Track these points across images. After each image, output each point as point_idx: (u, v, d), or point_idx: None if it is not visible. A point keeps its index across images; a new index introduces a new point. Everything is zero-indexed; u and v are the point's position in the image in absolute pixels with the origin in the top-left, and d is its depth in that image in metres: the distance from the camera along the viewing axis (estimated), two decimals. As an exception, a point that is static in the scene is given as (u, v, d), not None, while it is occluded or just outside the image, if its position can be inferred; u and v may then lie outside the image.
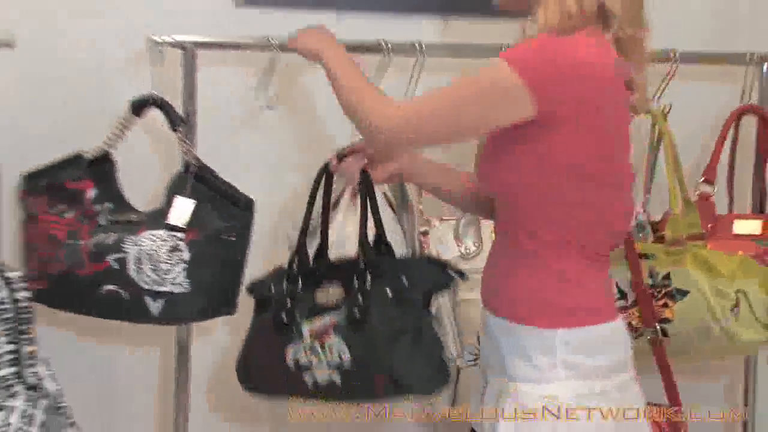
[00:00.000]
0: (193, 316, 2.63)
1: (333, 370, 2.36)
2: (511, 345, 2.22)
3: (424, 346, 2.36)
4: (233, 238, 2.57)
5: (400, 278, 2.38)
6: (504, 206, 2.28)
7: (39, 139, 2.76)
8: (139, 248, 2.50)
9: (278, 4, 2.98)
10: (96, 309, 2.57)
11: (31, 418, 2.30)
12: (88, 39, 2.91)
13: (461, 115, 2.16)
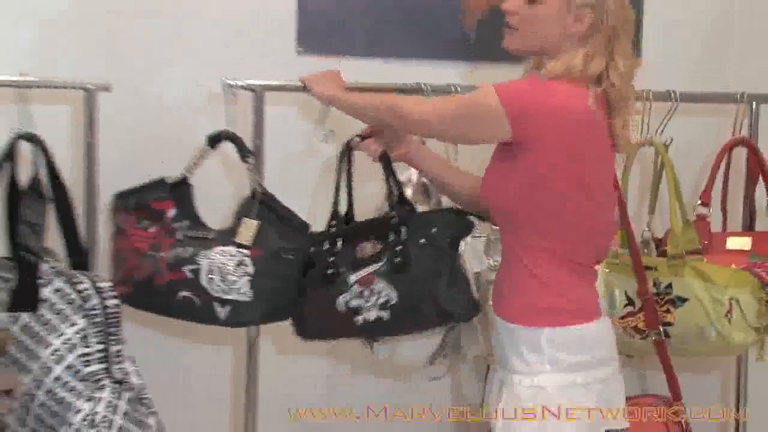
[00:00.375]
0: (254, 322, 2.64)
1: (381, 309, 2.48)
2: (509, 342, 2.33)
3: (460, 281, 2.48)
4: (291, 256, 2.56)
5: (429, 229, 2.50)
6: (497, 215, 2.38)
7: (131, 165, 2.76)
8: (210, 261, 2.51)
9: (333, 52, 3.01)
10: (173, 311, 2.58)
11: (116, 408, 2.33)
12: (173, 82, 2.94)
13: (453, 124, 2.33)
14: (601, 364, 2.30)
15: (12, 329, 2.37)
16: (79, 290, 2.38)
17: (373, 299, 2.49)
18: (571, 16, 2.24)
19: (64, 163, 2.57)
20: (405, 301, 2.47)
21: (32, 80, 2.51)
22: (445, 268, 2.47)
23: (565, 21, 2.25)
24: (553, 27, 2.25)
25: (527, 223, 2.28)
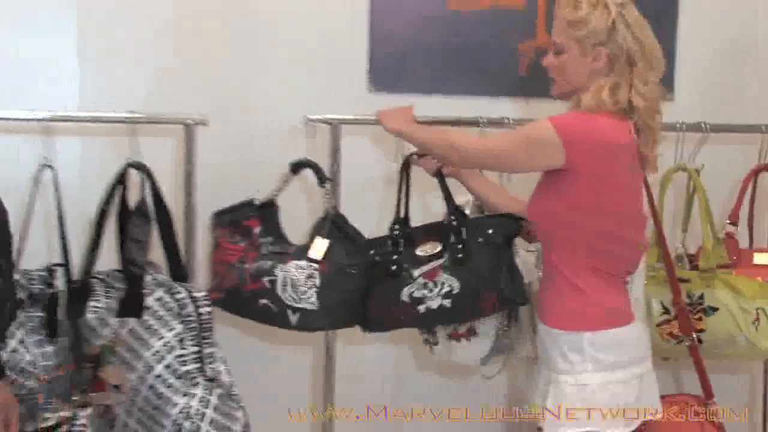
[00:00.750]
0: (320, 328, 2.62)
1: (444, 297, 2.48)
2: (553, 345, 2.33)
3: (516, 272, 2.49)
4: (354, 272, 2.55)
5: (486, 229, 2.51)
6: (541, 234, 2.39)
7: (224, 189, 2.75)
8: (285, 274, 2.51)
9: (400, 90, 2.99)
10: (255, 316, 2.57)
11: (208, 403, 2.34)
12: (261, 117, 2.93)
13: (510, 155, 2.34)
14: (636, 363, 2.31)
15: (121, 333, 2.38)
16: (177, 299, 2.40)
17: (437, 289, 2.49)
18: (590, 57, 2.27)
19: (166, 187, 2.58)
20: (466, 289, 2.47)
21: (140, 117, 2.55)
22: (503, 260, 2.49)
23: (587, 62, 2.27)
24: (579, 69, 2.28)
25: (569, 242, 2.30)
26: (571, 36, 2.27)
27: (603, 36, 2.24)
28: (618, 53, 2.25)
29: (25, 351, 2.33)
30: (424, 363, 3.04)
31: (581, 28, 2.25)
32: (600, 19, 2.24)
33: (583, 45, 2.26)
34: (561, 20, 2.29)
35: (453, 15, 3.04)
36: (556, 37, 2.31)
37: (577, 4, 2.26)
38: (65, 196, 2.49)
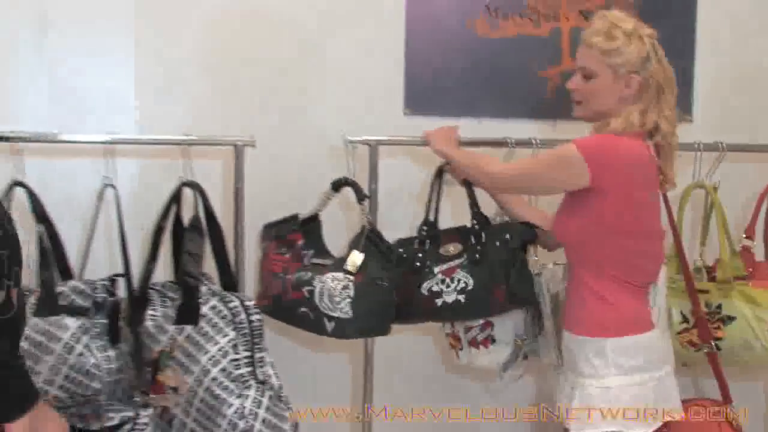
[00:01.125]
0: (355, 335, 2.61)
1: (459, 293, 2.54)
2: (578, 351, 2.36)
3: (527, 273, 2.55)
4: (386, 284, 2.55)
5: (504, 235, 2.56)
6: (567, 249, 2.43)
7: (272, 204, 2.78)
8: (322, 284, 2.52)
9: (434, 113, 3.01)
10: (296, 323, 2.58)
11: (260, 404, 2.35)
12: (304, 138, 2.95)
13: (539, 178, 2.39)
14: (655, 367, 2.35)
15: (178, 339, 2.40)
16: (230, 307, 2.41)
17: (453, 285, 2.55)
18: (622, 83, 2.31)
19: (217, 204, 2.62)
20: (479, 285, 2.52)
21: (193, 139, 2.57)
22: (516, 261, 2.53)
23: (618, 88, 2.31)
24: (609, 95, 2.32)
25: (594, 256, 2.34)
26: (604, 63, 2.30)
27: (637, 65, 2.29)
28: (649, 81, 2.30)
29: (90, 355, 2.34)
30: (454, 366, 3.02)
31: (616, 57, 2.29)
32: (635, 49, 2.28)
33: (617, 72, 2.30)
34: (594, 48, 2.32)
35: (482, 43, 3.06)
36: (588, 63, 2.34)
37: (612, 33, 2.29)
38: (125, 212, 2.52)
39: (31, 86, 2.81)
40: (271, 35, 2.97)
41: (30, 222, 2.48)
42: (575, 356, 2.37)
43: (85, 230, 2.59)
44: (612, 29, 2.29)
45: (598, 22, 2.33)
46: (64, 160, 2.78)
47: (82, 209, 2.64)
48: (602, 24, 2.31)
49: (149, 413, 2.39)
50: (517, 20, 3.07)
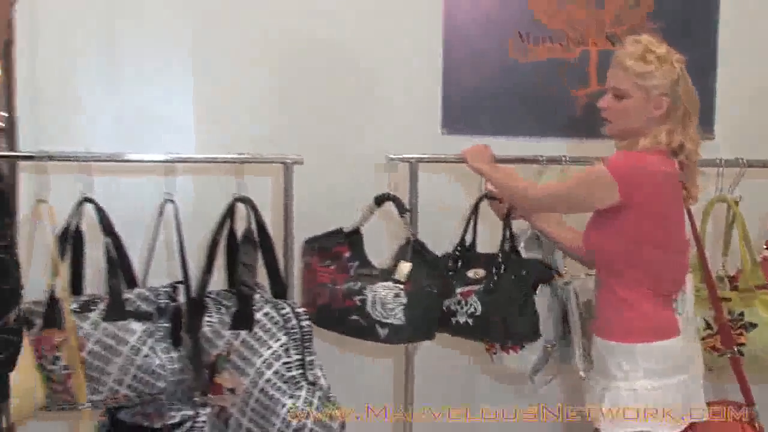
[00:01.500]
0: (407, 340, 2.65)
1: (469, 317, 2.60)
2: (609, 356, 2.37)
3: (528, 312, 2.57)
4: (434, 291, 2.59)
5: (521, 270, 2.60)
6: (598, 260, 2.42)
7: (317, 219, 2.80)
8: (374, 293, 2.54)
9: (469, 132, 3.04)
10: (346, 330, 2.61)
11: (311, 403, 2.36)
12: (347, 157, 3.00)
13: (572, 197, 2.40)
14: (681, 370, 2.36)
15: (234, 343, 2.42)
16: (282, 314, 2.43)
17: (466, 308, 2.60)
18: (652, 104, 2.31)
19: (268, 218, 2.63)
20: (485, 315, 2.57)
21: (246, 157, 2.59)
22: (520, 299, 2.56)
23: (648, 108, 2.32)
24: (639, 115, 2.33)
25: (622, 266, 2.35)
26: (637, 84, 2.31)
27: (667, 88, 2.30)
28: (677, 104, 2.31)
29: (154, 356, 2.37)
30: (489, 368, 3.05)
31: (649, 79, 2.30)
32: (667, 73, 2.30)
33: (649, 94, 2.30)
34: (629, 70, 2.32)
35: (515, 66, 3.09)
36: (621, 84, 2.34)
37: (645, 58, 2.30)
38: (184, 225, 2.55)
39: (99, 111, 2.86)
40: (318, 61, 3.00)
41: (98, 235, 2.53)
42: (606, 360, 2.38)
43: (147, 242, 2.62)
44: (646, 53, 2.30)
45: (632, 46, 2.34)
46: (128, 178, 2.83)
47: (144, 223, 2.66)
48: (636, 48, 2.32)
49: (207, 412, 2.42)
50: (548, 45, 3.09)
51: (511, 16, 3.08)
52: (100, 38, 2.86)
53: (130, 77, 2.89)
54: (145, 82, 2.90)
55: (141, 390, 2.39)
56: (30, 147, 2.74)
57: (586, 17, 3.08)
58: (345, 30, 3.01)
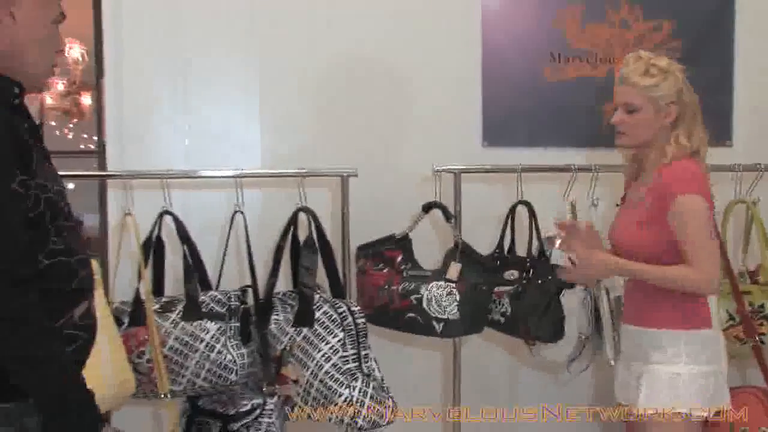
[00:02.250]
0: (460, 334, 2.66)
1: (501, 315, 2.64)
2: (649, 343, 2.30)
3: (550, 315, 2.57)
4: (485, 288, 2.60)
5: (546, 276, 2.59)
6: (642, 256, 2.27)
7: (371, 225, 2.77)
8: (429, 292, 2.56)
9: (507, 144, 3.03)
10: (402, 327, 2.63)
11: (365, 393, 2.36)
12: (398, 168, 2.98)
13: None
14: (717, 360, 2.30)
15: (297, 339, 2.44)
16: (339, 312, 2.44)
17: (498, 307, 2.63)
18: (662, 114, 2.28)
19: (327, 226, 2.64)
20: (513, 315, 2.60)
21: (307, 171, 2.61)
22: (543, 304, 2.56)
23: (659, 118, 2.28)
24: (651, 125, 2.29)
25: (671, 261, 2.25)
26: (646, 97, 2.27)
27: (674, 96, 2.27)
28: (685, 109, 2.28)
29: (227, 352, 2.40)
30: (527, 361, 3.02)
31: (657, 91, 2.26)
32: (672, 83, 2.27)
33: (658, 104, 2.27)
34: (635, 85, 2.28)
35: (547, 83, 3.07)
36: (630, 99, 2.29)
37: (650, 71, 2.27)
38: (251, 234, 2.57)
39: (175, 133, 2.90)
40: (371, 84, 3.01)
41: (177, 243, 2.58)
42: (645, 347, 2.31)
43: (219, 249, 2.65)
44: (650, 67, 2.27)
45: (635, 62, 2.30)
46: (202, 192, 2.86)
47: (217, 232, 2.70)
48: (640, 64, 2.28)
49: (274, 401, 2.45)
50: (577, 64, 3.07)
51: (542, 39, 3.07)
52: (176, 70, 2.90)
53: (202, 103, 2.92)
54: (216, 106, 2.93)
55: (215, 382, 2.42)
56: (117, 167, 2.81)
57: (612, 37, 3.06)
58: (395, 55, 3.01)
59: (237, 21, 2.92)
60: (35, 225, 1.61)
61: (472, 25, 3.04)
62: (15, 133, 1.59)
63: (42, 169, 1.63)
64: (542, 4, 3.07)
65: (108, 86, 2.86)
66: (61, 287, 1.67)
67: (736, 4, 3.15)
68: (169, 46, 2.88)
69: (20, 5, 1.63)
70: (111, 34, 2.84)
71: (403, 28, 3.00)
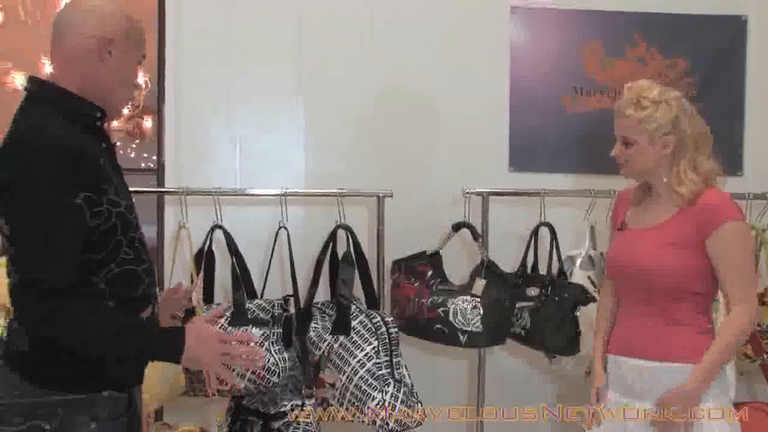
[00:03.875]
0: (483, 345, 2.63)
1: (521, 328, 2.61)
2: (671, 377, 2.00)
3: (565, 329, 2.52)
4: (507, 304, 2.57)
5: (564, 293, 2.56)
6: (666, 284, 2.02)
7: (405, 242, 2.76)
8: (455, 306, 2.54)
9: (532, 169, 3.01)
10: (430, 337, 2.60)
11: (397, 398, 2.34)
12: (429, 190, 2.94)
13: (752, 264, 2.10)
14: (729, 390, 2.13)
15: (334, 346, 2.43)
16: (373, 322, 2.43)
17: (520, 321, 2.60)
18: (659, 145, 2.06)
19: (363, 241, 2.63)
20: (532, 329, 2.57)
21: (345, 191, 2.61)
22: (557, 318, 2.52)
23: (656, 149, 2.06)
24: (648, 156, 2.07)
25: (700, 288, 2.04)
26: (638, 131, 2.05)
27: (668, 127, 2.04)
28: (684, 137, 2.05)
29: (270, 356, 2.38)
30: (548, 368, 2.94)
31: (649, 123, 2.04)
32: (664, 113, 2.03)
33: (652, 136, 2.05)
34: (627, 119, 2.07)
35: (570, 114, 3.04)
36: (625, 132, 2.09)
37: (640, 104, 2.05)
38: (294, 248, 2.57)
39: (224, 153, 2.93)
40: (404, 112, 3.01)
41: (226, 255, 2.58)
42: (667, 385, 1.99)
43: (265, 261, 2.65)
44: (640, 99, 2.04)
45: (627, 94, 2.09)
46: (250, 208, 2.85)
47: (262, 245, 2.69)
48: (631, 95, 2.07)
49: (312, 402, 2.43)
50: (597, 96, 3.04)
51: (565, 73, 3.04)
52: (228, 98, 2.93)
53: (251, 128, 2.94)
54: (264, 131, 2.95)
55: (258, 383, 2.41)
56: (173, 184, 2.82)
57: (630, 73, 3.00)
58: (429, 85, 3.00)
59: (284, 55, 2.95)
60: (108, 237, 1.65)
61: (500, 58, 3.02)
62: (84, 152, 1.63)
63: (114, 186, 1.67)
64: (566, 41, 3.05)
65: (168, 111, 2.90)
66: (130, 293, 1.70)
67: (747, 40, 3.10)
68: (222, 76, 2.92)
69: (116, 45, 1.70)
70: (172, 64, 2.90)
71: (437, 60, 3.00)
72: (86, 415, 1.61)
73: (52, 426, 1.58)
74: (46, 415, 1.59)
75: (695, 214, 2.03)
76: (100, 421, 1.62)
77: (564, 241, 2.74)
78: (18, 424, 1.58)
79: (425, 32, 2.99)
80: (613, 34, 3.04)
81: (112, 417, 1.64)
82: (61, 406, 1.60)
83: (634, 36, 3.05)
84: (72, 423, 1.60)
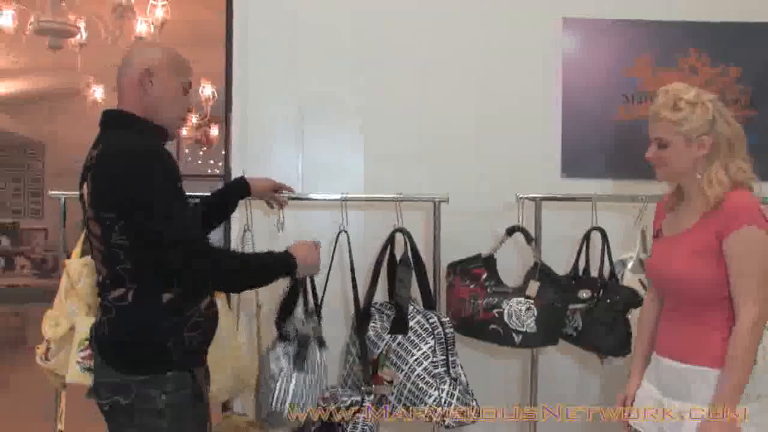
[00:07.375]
0: (537, 345, 2.60)
1: (573, 330, 2.56)
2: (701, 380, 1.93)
3: (616, 331, 2.49)
4: (559, 305, 2.53)
5: (615, 296, 2.51)
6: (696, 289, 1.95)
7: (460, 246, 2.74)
8: (510, 307, 2.51)
9: (583, 176, 2.96)
10: (485, 338, 2.57)
11: (453, 395, 2.33)
12: (485, 196, 2.92)
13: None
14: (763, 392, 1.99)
15: (392, 345, 2.42)
16: (430, 322, 2.41)
17: (572, 322, 2.55)
18: (695, 146, 1.97)
19: (420, 244, 2.61)
20: (583, 331, 2.53)
21: (403, 197, 2.61)
22: (608, 320, 2.48)
23: (691, 151, 1.97)
24: (684, 158, 1.98)
25: (727, 296, 1.93)
26: (674, 132, 1.97)
27: (705, 128, 1.95)
28: (720, 139, 1.96)
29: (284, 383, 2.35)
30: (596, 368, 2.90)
31: (685, 125, 1.95)
32: (701, 115, 1.95)
33: (688, 138, 1.96)
34: (663, 120, 1.98)
35: (620, 122, 2.99)
36: (660, 134, 2.00)
37: (676, 105, 1.97)
38: (354, 250, 2.56)
39: (289, 163, 2.95)
40: (461, 121, 2.99)
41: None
42: (692, 385, 1.94)
43: (326, 264, 2.58)
44: (676, 101, 1.97)
45: (662, 97, 2.00)
46: (312, 212, 2.87)
47: (324, 248, 2.63)
48: (667, 98, 1.99)
49: (371, 399, 2.42)
50: (647, 104, 2.89)
51: (617, 82, 2.99)
52: (292, 107, 2.96)
53: (314, 136, 2.96)
54: (326, 139, 2.97)
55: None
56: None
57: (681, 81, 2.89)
58: (485, 95, 2.98)
59: (345, 67, 2.96)
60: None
61: (553, 68, 2.99)
62: (168, 153, 1.88)
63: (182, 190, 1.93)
64: (618, 51, 3.00)
65: (234, 120, 2.94)
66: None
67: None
68: (286, 87, 2.95)
69: (157, 74, 1.95)
70: (238, 76, 2.95)
71: (492, 70, 2.98)
72: (157, 389, 1.84)
73: (130, 400, 1.84)
74: (123, 393, 1.84)
75: (717, 217, 1.93)
76: (168, 394, 1.84)
77: (615, 246, 2.68)
78: (107, 398, 1.87)
79: (480, 43, 2.98)
80: (665, 44, 2.99)
81: (177, 389, 1.86)
82: (134, 384, 1.84)
83: (686, 45, 2.98)
84: (146, 396, 1.83)
